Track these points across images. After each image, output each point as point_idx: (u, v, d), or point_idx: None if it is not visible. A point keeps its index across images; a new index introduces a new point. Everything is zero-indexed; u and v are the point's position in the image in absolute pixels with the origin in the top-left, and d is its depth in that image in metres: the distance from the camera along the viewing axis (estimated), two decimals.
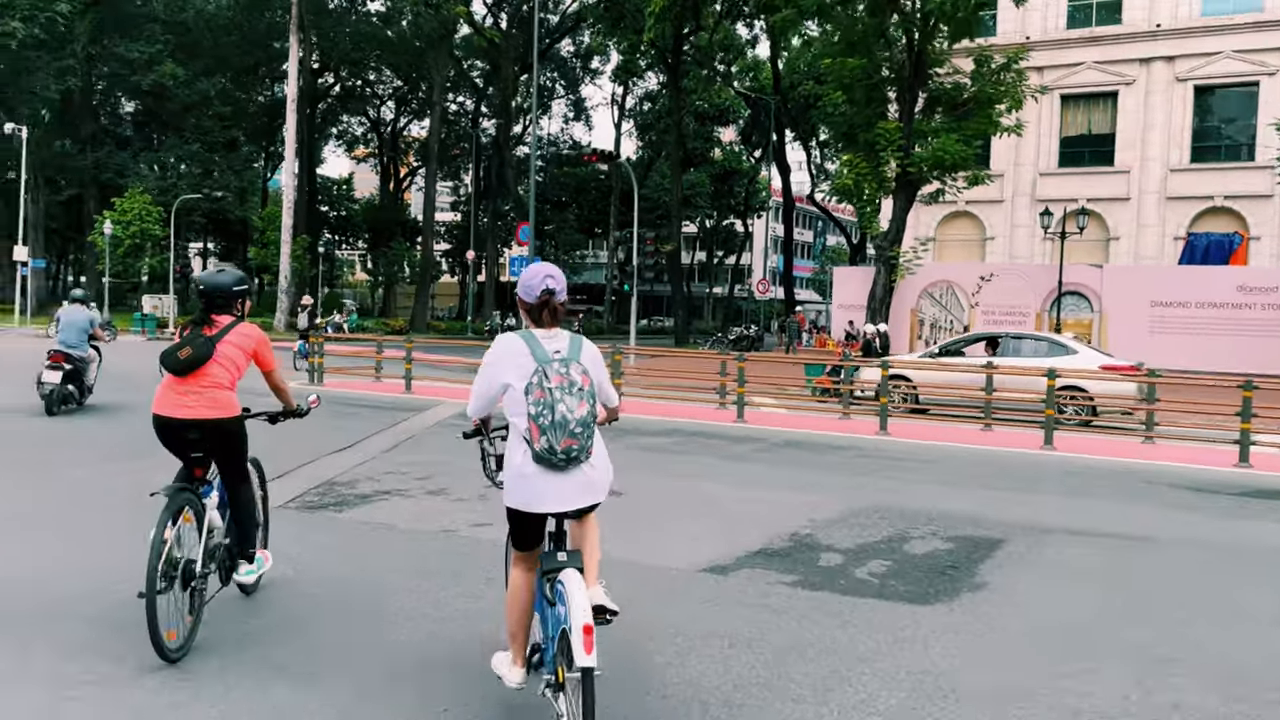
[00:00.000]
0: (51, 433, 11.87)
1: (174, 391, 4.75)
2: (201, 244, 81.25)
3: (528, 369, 3.65)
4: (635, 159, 71.71)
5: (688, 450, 12.07)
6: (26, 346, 27.00)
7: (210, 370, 4.76)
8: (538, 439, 3.58)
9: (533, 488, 3.68)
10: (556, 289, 3.83)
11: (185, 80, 51.03)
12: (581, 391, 3.63)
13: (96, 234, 44.36)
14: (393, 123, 73.72)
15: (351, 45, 60.83)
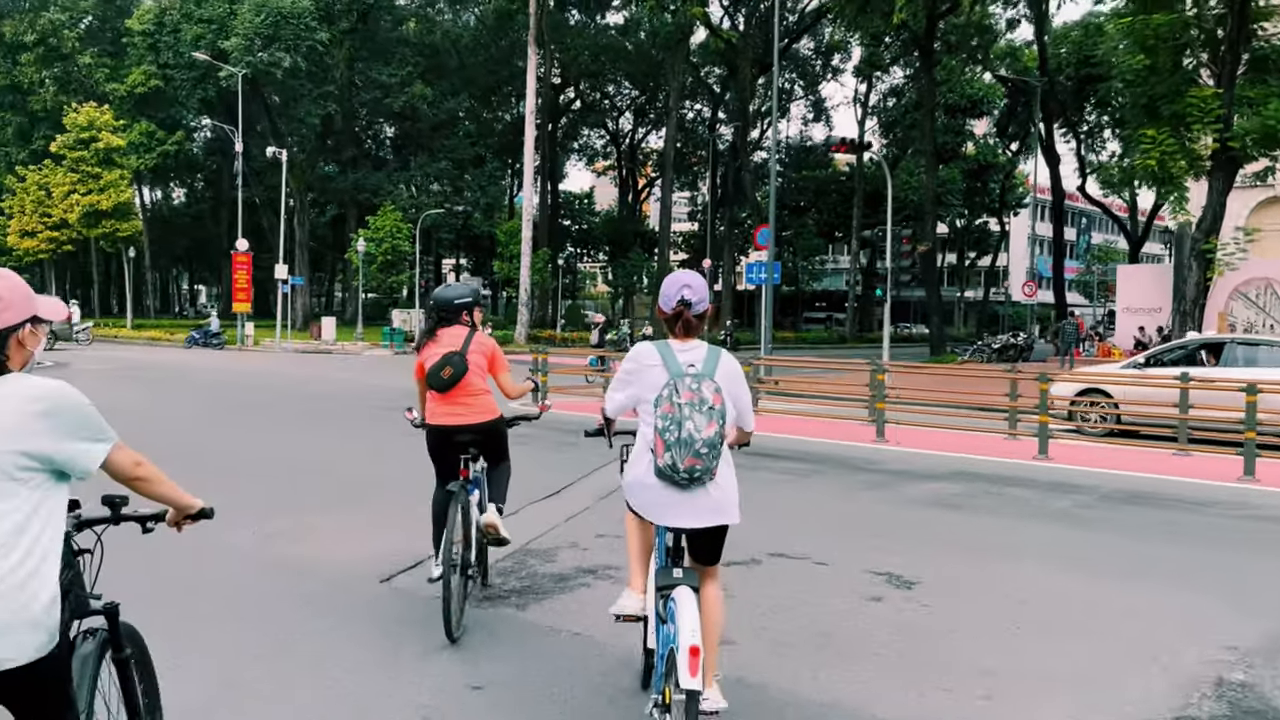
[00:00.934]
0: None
1: (444, 404, 5.35)
2: (454, 260, 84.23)
3: (659, 381, 3.55)
4: (879, 158, 67.74)
5: (980, 504, 9.22)
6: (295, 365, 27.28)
7: (470, 381, 5.33)
8: (661, 453, 3.47)
9: (653, 499, 3.60)
10: (693, 300, 3.69)
11: (434, 100, 52.15)
12: (712, 410, 3.44)
13: (352, 251, 45.71)
14: (631, 134, 73.34)
15: (590, 58, 60.69)
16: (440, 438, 5.42)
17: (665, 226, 50.89)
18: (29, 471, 2.28)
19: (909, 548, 7.17)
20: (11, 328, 2.37)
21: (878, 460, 11.65)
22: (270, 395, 19.36)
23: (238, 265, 38.53)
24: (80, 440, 2.37)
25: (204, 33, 44.85)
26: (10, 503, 2.25)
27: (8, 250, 51.44)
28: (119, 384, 20.71)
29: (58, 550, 2.35)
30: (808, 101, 70.87)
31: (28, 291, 2.44)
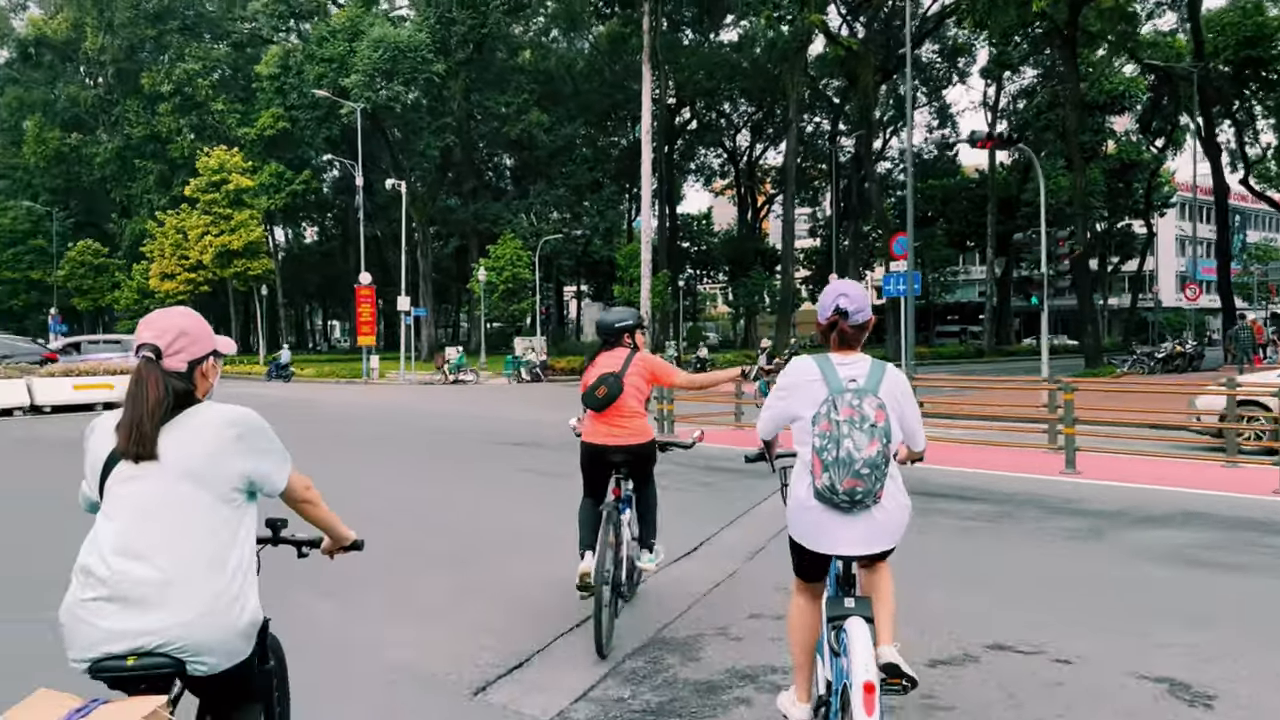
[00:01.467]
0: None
1: (600, 424, 5.47)
2: (575, 286, 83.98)
3: (818, 397, 3.34)
4: (1011, 162, 64.34)
5: (1242, 559, 7.13)
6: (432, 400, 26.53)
7: (624, 402, 5.42)
8: (819, 474, 3.27)
9: (815, 524, 3.37)
10: (850, 309, 3.44)
11: (550, 127, 51.60)
12: (874, 428, 3.21)
13: (474, 281, 45.30)
14: (748, 151, 71.71)
15: (705, 77, 59.44)
16: (593, 455, 5.52)
17: (788, 242, 48.97)
18: (234, 492, 2.48)
19: (1174, 631, 5.32)
20: (198, 360, 2.60)
21: (1077, 498, 9.65)
22: (382, 430, 18.39)
23: (361, 299, 38.39)
24: (270, 460, 2.57)
25: (325, 71, 45.29)
26: (219, 523, 2.43)
27: (150, 293, 52.99)
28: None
29: (254, 564, 2.55)
30: (932, 108, 67.98)
31: (209, 328, 2.66)
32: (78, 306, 61.45)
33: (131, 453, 2.43)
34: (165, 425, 2.46)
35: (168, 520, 2.39)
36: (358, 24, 45.50)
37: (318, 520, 2.84)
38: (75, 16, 60.31)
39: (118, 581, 2.35)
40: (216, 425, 2.50)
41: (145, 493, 2.41)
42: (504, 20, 48.36)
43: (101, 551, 2.38)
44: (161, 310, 2.67)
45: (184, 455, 2.44)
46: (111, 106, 61.56)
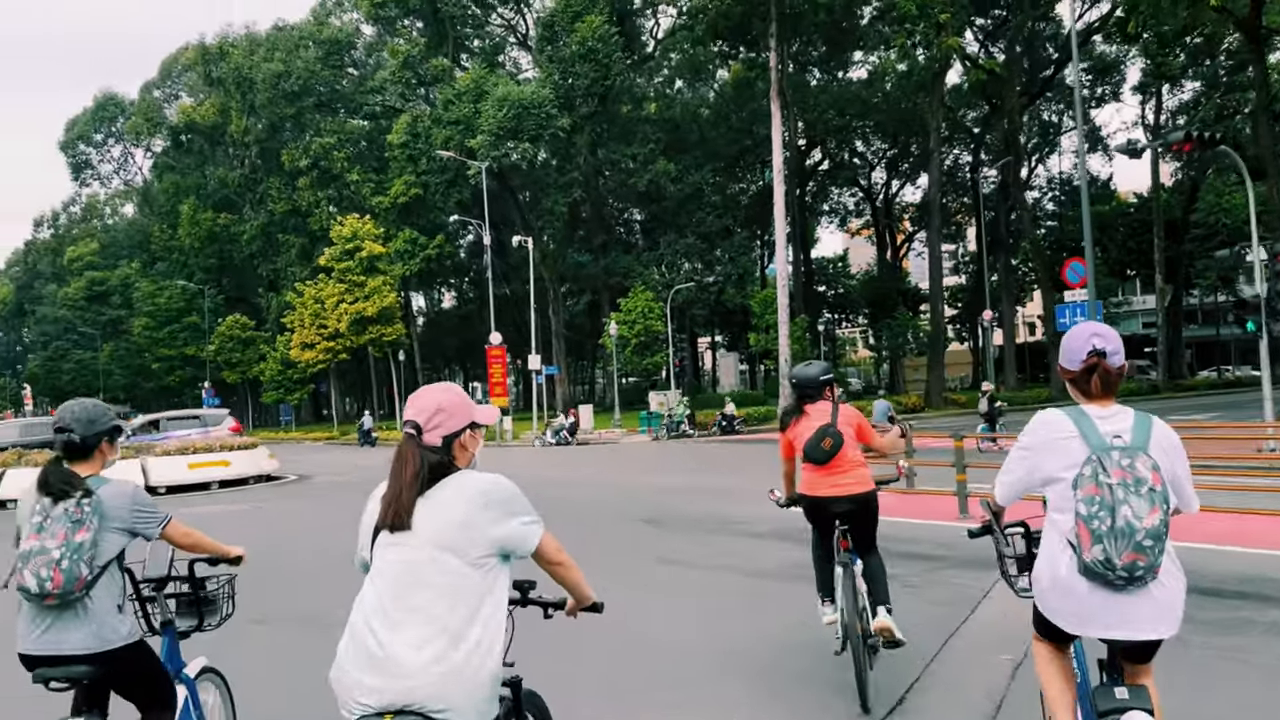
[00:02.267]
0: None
1: (822, 476, 5.40)
2: (709, 337, 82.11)
3: (1078, 456, 2.91)
4: (1173, 183, 59.56)
5: None
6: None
7: (846, 452, 5.38)
8: (1088, 547, 2.81)
9: (1081, 604, 2.90)
10: (1108, 349, 3.05)
11: (677, 175, 50.18)
12: (1153, 493, 2.78)
13: (605, 336, 43.93)
14: (884, 188, 68.80)
15: (835, 115, 57.23)
16: (819, 509, 5.50)
17: (936, 279, 45.82)
18: (486, 557, 2.57)
19: None
20: (455, 433, 2.71)
21: None
22: None
23: (492, 360, 37.41)
24: (520, 524, 2.66)
25: (452, 134, 45.14)
26: (470, 588, 2.53)
27: (293, 363, 53.73)
28: (335, 495, 18.72)
29: (503, 625, 2.62)
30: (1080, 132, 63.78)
31: (468, 401, 2.79)
32: (228, 379, 63.13)
33: (389, 524, 2.60)
34: (423, 496, 2.59)
35: (423, 586, 2.52)
36: (482, 85, 45.26)
37: (567, 581, 2.94)
38: (221, 101, 62.74)
39: (376, 643, 2.49)
40: (469, 494, 2.61)
41: (404, 560, 2.55)
42: (627, 73, 47.39)
43: (365, 613, 2.56)
44: (424, 388, 2.81)
45: (439, 524, 2.57)
46: (256, 185, 63.57)
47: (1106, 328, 3.11)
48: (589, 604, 3.06)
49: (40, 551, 3.25)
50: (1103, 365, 3.03)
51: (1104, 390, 3.05)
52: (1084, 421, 2.97)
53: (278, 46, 57.23)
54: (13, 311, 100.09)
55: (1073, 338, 3.14)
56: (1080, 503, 2.85)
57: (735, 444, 30.81)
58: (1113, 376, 3.05)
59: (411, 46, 50.45)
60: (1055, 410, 3.07)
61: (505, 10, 56.50)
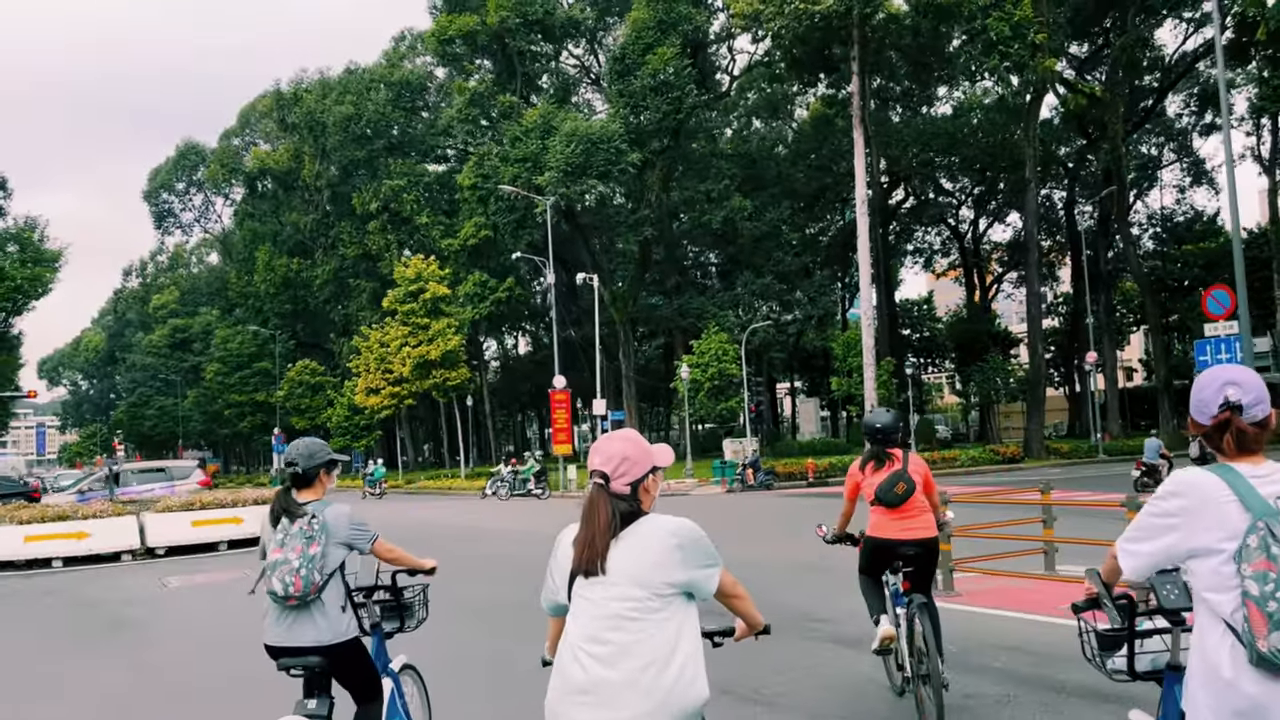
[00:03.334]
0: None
1: (893, 519, 5.66)
2: (788, 383, 78.86)
3: (1238, 525, 2.42)
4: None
5: None
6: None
7: (917, 499, 5.68)
8: (1264, 634, 2.32)
9: (1250, 704, 2.36)
10: (1245, 402, 2.56)
11: (753, 213, 47.60)
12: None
13: (677, 379, 41.33)
14: (972, 227, 65.22)
15: (919, 150, 54.20)
16: (883, 550, 5.69)
17: (1035, 319, 42.08)
18: (675, 595, 2.72)
19: None
20: (639, 479, 2.84)
21: None
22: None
23: (556, 404, 35.01)
24: (705, 568, 2.80)
25: (520, 171, 43.33)
26: (666, 621, 2.68)
27: (360, 409, 52.19)
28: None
29: (701, 657, 2.75)
30: (1183, 165, 59.55)
31: (648, 447, 2.92)
32: (295, 425, 62.04)
33: (583, 568, 2.76)
34: (616, 538, 2.74)
35: (625, 622, 2.66)
36: (550, 120, 43.47)
37: (743, 613, 3.12)
38: (294, 146, 62.40)
39: (585, 677, 2.64)
40: (661, 537, 2.75)
41: (606, 597, 2.70)
42: (702, 109, 45.16)
43: (572, 648, 2.71)
44: (606, 436, 2.94)
45: (633, 564, 2.71)
46: (328, 230, 62.90)
47: (1247, 373, 2.59)
48: (761, 628, 3.20)
49: (284, 562, 4.12)
50: (1236, 423, 2.52)
51: (1240, 450, 2.54)
52: (1239, 482, 2.46)
53: (349, 89, 56.59)
54: (105, 359, 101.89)
55: (1203, 386, 2.63)
56: (1249, 580, 2.34)
57: (818, 497, 27.80)
58: (1251, 435, 2.53)
59: (479, 84, 49.02)
60: (1198, 470, 2.53)
61: (576, 49, 55.01)
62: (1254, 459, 2.55)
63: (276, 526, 4.21)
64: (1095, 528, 10.82)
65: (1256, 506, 2.41)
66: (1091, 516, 13.41)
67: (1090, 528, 11.00)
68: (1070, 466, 37.01)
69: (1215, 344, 18.39)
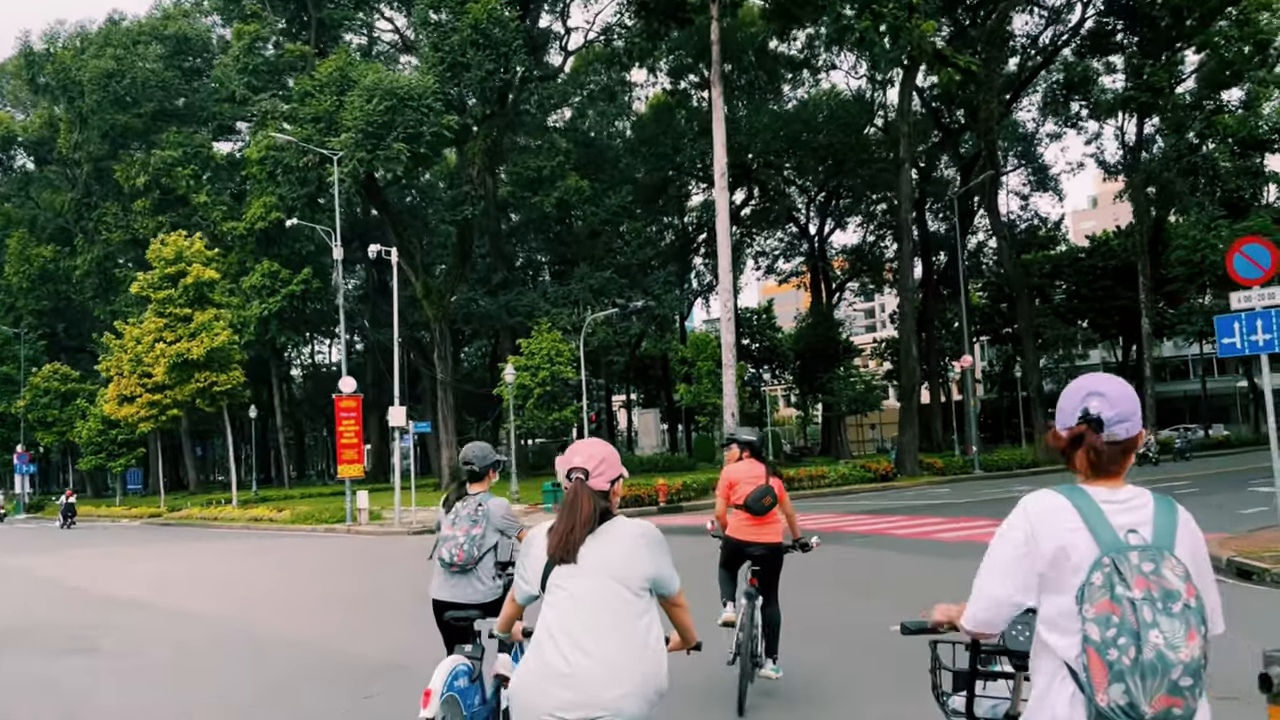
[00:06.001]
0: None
1: (752, 524, 6.53)
2: (624, 394, 72.55)
3: (1083, 558, 2.07)
4: (1126, 226, 52.72)
5: None
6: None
7: (776, 510, 6.57)
8: (1104, 686, 1.98)
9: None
10: (1107, 416, 2.16)
11: (591, 196, 40.82)
12: (1188, 611, 1.99)
13: (501, 385, 34.00)
14: (819, 229, 60.68)
15: (762, 147, 49.00)
16: (737, 549, 6.64)
17: (907, 315, 36.79)
18: (643, 590, 2.91)
19: None
20: (613, 481, 3.07)
21: None
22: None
23: (343, 414, 26.92)
24: (669, 567, 3.02)
25: (311, 134, 35.01)
26: (636, 613, 2.86)
27: (115, 422, 42.22)
28: None
29: (664, 648, 2.93)
30: (1027, 170, 56.93)
31: (617, 454, 3.14)
32: (42, 441, 50.88)
33: (558, 557, 2.93)
34: (591, 534, 2.93)
35: (598, 611, 2.84)
36: (348, 72, 35.39)
37: (680, 623, 3.25)
38: (48, 111, 51.53)
39: (563, 660, 2.78)
40: (631, 535, 2.95)
41: (584, 588, 2.87)
42: (533, 79, 37.98)
43: (550, 634, 2.84)
44: (584, 440, 3.21)
45: (607, 558, 2.90)
46: (90, 211, 52.14)
47: (1115, 383, 2.18)
48: (694, 644, 3.34)
49: (452, 538, 5.20)
50: (1090, 439, 2.15)
51: (1094, 471, 2.18)
52: (1089, 508, 2.11)
53: (111, 42, 46.49)
54: None
55: (1067, 395, 2.26)
56: (1091, 624, 2.02)
57: (683, 534, 21.22)
58: (1106, 454, 2.15)
59: (260, 25, 40.24)
60: (1047, 492, 2.19)
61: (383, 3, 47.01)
62: (1112, 482, 2.17)
63: (449, 511, 5.28)
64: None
65: (1105, 539, 2.06)
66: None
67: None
68: (953, 484, 31.91)
69: (1249, 321, 12.78)
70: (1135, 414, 2.17)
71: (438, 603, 5.21)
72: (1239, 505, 18.23)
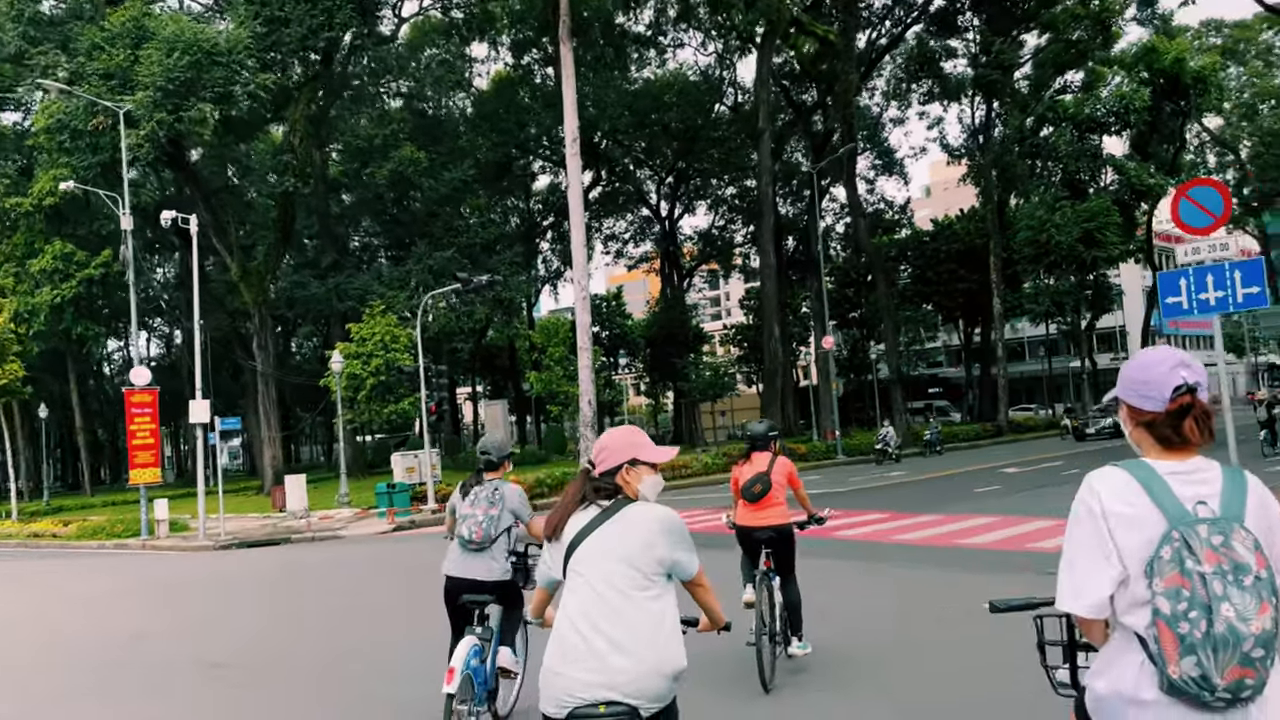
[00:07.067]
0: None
1: (752, 511, 6.76)
2: (469, 387, 68.78)
3: (1152, 531, 2.08)
4: (969, 211, 53.05)
5: None
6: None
7: (772, 495, 6.71)
8: (1176, 659, 2.00)
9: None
10: (1201, 382, 2.20)
11: (429, 168, 37.19)
12: (1259, 583, 1.98)
13: (328, 376, 30.15)
14: (669, 214, 58.70)
15: (616, 116, 46.47)
16: (745, 534, 6.86)
17: (771, 294, 34.93)
18: (658, 574, 2.96)
19: None
20: (614, 468, 3.08)
21: None
22: None
23: (133, 411, 22.67)
24: (686, 551, 3.04)
25: (100, 91, 30.02)
26: (651, 596, 2.92)
27: None
28: None
29: (679, 631, 2.98)
30: (873, 152, 56.50)
31: (636, 443, 3.14)
32: None
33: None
34: (611, 519, 3.00)
35: (615, 596, 2.89)
36: (144, 24, 30.58)
37: (706, 603, 3.29)
38: None
39: (584, 644, 2.86)
40: (647, 521, 2.99)
41: (601, 573, 2.93)
42: (358, 25, 34.03)
43: (571, 619, 2.92)
44: (611, 429, 3.24)
45: (627, 544, 2.95)
46: None
47: (1190, 355, 2.23)
48: (723, 624, 3.39)
49: (471, 517, 5.46)
50: (1199, 404, 2.18)
51: (1168, 445, 2.19)
52: (1154, 483, 2.11)
53: None
54: None
55: (1149, 366, 2.23)
56: (1161, 598, 2.02)
57: None
58: (1206, 426, 2.18)
59: None
60: (1110, 468, 2.19)
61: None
62: (1183, 454, 2.18)
63: (466, 496, 5.56)
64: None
65: (1173, 511, 2.07)
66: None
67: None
68: (819, 469, 30.25)
69: (1198, 277, 10.96)
70: (1207, 381, 2.20)
71: (450, 579, 5.50)
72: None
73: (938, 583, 10.22)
